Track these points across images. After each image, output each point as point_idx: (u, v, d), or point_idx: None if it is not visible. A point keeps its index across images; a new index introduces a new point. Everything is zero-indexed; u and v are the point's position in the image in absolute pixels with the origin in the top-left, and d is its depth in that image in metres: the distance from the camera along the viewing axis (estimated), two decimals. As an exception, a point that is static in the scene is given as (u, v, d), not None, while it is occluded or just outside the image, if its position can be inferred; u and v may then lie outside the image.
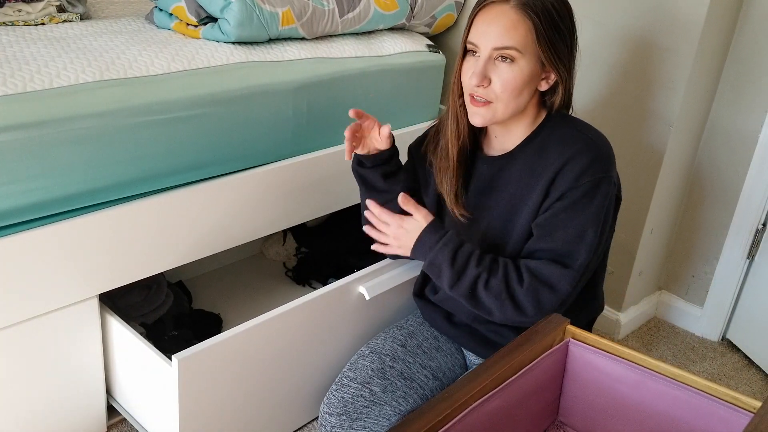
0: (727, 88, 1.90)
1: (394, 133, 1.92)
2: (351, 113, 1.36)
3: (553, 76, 1.29)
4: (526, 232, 1.31)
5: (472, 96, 1.28)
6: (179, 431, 1.34)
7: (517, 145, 1.34)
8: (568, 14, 1.28)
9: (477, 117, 1.29)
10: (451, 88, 1.33)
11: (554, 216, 1.27)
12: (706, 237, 2.04)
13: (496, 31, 1.23)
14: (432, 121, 1.50)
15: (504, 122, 1.32)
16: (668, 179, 1.93)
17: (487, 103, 1.27)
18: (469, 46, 1.28)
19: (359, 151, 1.40)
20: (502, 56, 1.23)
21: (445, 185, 1.37)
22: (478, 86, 1.25)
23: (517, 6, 1.23)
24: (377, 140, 1.39)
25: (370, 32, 1.93)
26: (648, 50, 1.81)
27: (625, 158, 1.88)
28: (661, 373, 1.06)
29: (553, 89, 1.31)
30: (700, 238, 2.06)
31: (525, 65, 1.24)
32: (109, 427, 1.59)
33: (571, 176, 1.26)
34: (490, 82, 1.25)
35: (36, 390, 1.41)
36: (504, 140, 1.36)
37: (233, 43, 1.63)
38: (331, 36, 1.83)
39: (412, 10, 1.98)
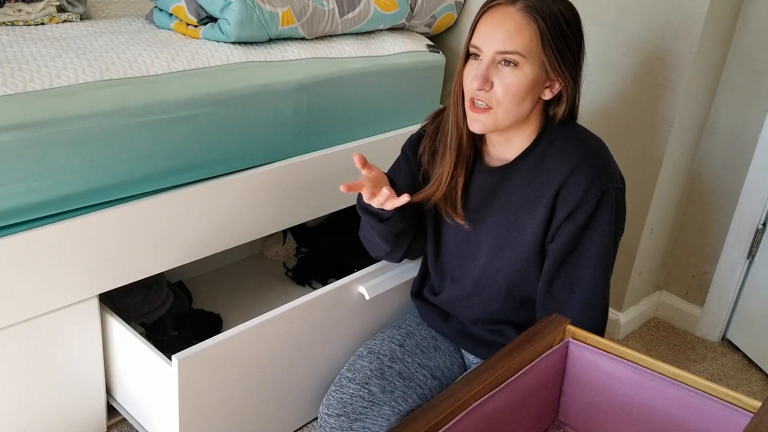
0: (727, 89, 1.90)
1: (394, 133, 1.93)
2: (357, 162, 1.21)
3: (557, 85, 1.26)
4: (531, 243, 1.30)
5: (472, 101, 1.25)
6: (179, 431, 1.34)
7: (517, 156, 1.32)
8: (575, 22, 1.25)
9: (477, 123, 1.26)
10: (453, 94, 1.30)
11: (569, 241, 1.26)
12: (706, 237, 2.05)
13: (500, 35, 1.20)
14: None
15: (504, 131, 1.29)
16: (668, 179, 1.93)
17: (488, 109, 1.23)
18: (471, 50, 1.24)
19: (366, 199, 1.26)
20: (505, 60, 1.20)
21: (444, 196, 1.34)
22: (480, 90, 1.22)
23: (523, 9, 1.19)
24: (389, 204, 1.25)
25: (370, 32, 1.93)
26: (648, 51, 1.81)
27: (626, 158, 1.88)
28: (661, 373, 1.06)
29: (556, 99, 1.28)
30: (700, 238, 2.06)
31: (529, 71, 1.21)
32: (109, 427, 1.59)
33: (577, 191, 1.24)
34: (492, 86, 1.22)
35: (36, 390, 1.41)
36: (502, 150, 1.34)
37: (233, 43, 1.63)
38: (331, 36, 1.83)
39: (412, 10, 1.98)
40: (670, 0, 1.74)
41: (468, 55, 1.26)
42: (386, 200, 1.23)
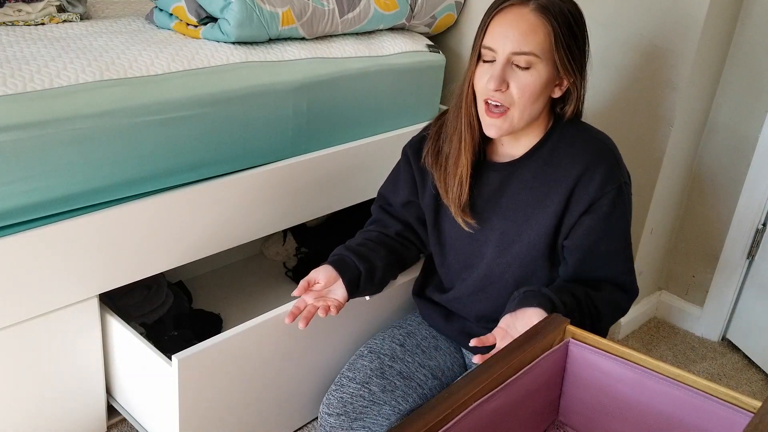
0: (727, 88, 1.90)
1: (394, 133, 1.93)
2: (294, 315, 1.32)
3: (565, 83, 1.27)
4: (541, 239, 1.30)
5: (487, 105, 1.25)
6: (179, 431, 1.34)
7: (526, 152, 1.32)
8: (581, 20, 1.26)
9: (493, 128, 1.26)
10: (463, 96, 1.29)
11: (591, 233, 1.28)
12: (706, 237, 2.04)
13: (515, 36, 1.20)
14: (430, 121, 1.47)
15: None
16: (668, 179, 1.93)
17: (504, 112, 1.24)
18: (484, 51, 1.24)
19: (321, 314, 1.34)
20: (520, 61, 1.21)
21: (453, 196, 1.33)
22: (496, 91, 1.22)
23: (536, 10, 1.20)
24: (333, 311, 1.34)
25: (370, 32, 1.93)
26: (648, 50, 1.81)
27: (626, 158, 1.86)
28: (661, 373, 1.06)
29: (563, 97, 1.30)
30: (700, 238, 2.06)
31: (543, 71, 1.22)
32: (109, 427, 1.59)
33: (593, 185, 1.26)
34: (508, 86, 1.22)
35: (36, 390, 1.41)
36: (510, 147, 1.34)
37: (233, 43, 1.63)
38: (331, 36, 1.83)
39: (412, 10, 1.98)
40: (671, 0, 1.74)
41: (479, 56, 1.26)
42: (328, 307, 1.33)
